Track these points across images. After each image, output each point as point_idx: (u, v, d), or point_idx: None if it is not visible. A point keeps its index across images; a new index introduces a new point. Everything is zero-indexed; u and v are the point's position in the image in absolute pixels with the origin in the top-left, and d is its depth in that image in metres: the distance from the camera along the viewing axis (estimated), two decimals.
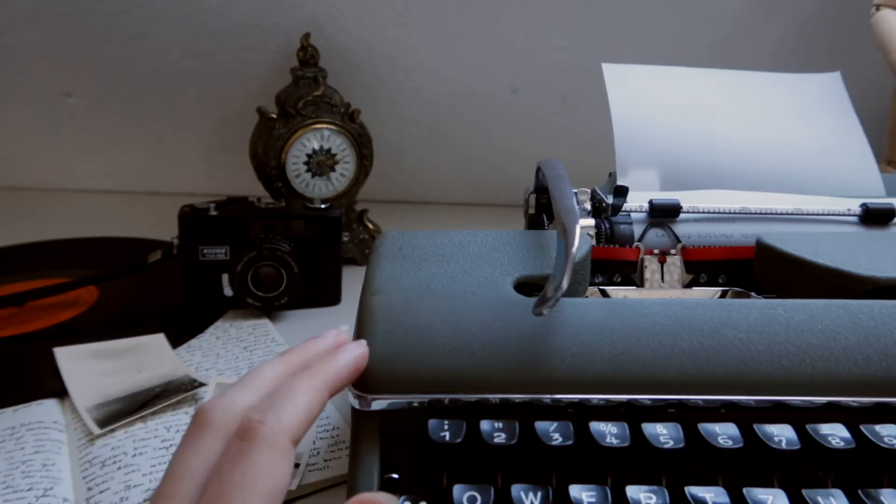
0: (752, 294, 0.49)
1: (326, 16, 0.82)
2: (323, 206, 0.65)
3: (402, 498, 0.33)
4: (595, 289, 0.50)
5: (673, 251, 0.51)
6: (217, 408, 0.34)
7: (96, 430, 0.48)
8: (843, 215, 0.52)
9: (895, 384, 0.37)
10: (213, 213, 0.63)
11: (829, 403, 0.37)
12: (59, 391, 0.53)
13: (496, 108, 0.88)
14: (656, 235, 0.52)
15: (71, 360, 0.56)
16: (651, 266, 0.50)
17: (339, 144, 0.74)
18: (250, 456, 0.32)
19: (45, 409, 0.51)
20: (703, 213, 0.52)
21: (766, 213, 0.52)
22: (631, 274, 0.50)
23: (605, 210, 0.52)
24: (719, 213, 0.52)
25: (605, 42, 0.84)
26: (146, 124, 0.91)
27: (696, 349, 0.37)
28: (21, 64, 0.87)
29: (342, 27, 0.83)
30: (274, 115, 0.74)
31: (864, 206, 0.52)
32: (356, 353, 0.37)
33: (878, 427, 0.36)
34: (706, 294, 0.50)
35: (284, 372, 0.37)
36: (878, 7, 0.71)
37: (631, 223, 0.52)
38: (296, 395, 0.35)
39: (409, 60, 0.86)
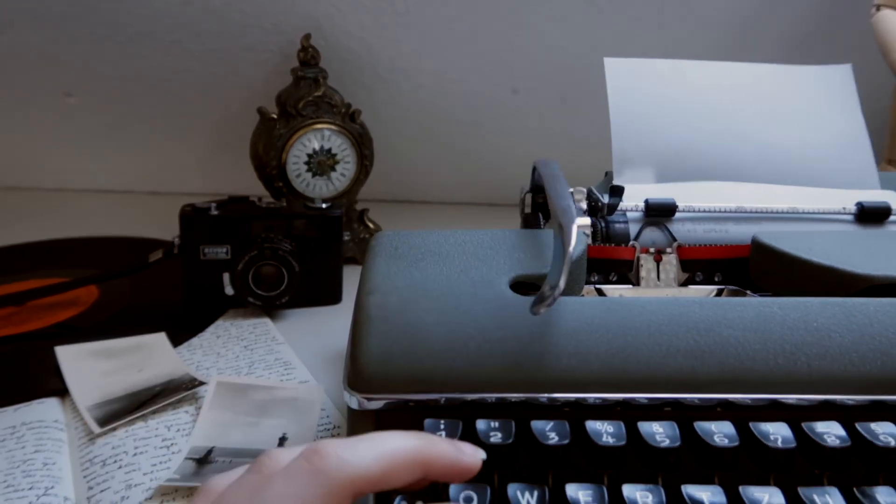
0: (748, 292, 0.49)
1: (326, 16, 0.82)
2: (324, 205, 0.65)
3: (399, 498, 0.33)
4: (591, 287, 0.50)
5: (669, 250, 0.51)
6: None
7: (97, 429, 0.48)
8: (839, 213, 0.52)
9: (890, 382, 0.37)
10: (215, 212, 0.63)
11: (825, 401, 0.37)
12: (59, 390, 0.53)
13: (496, 108, 0.88)
14: (652, 234, 0.52)
15: (72, 358, 0.56)
16: (647, 265, 0.51)
17: (339, 144, 0.74)
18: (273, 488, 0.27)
19: (46, 408, 0.51)
20: (699, 212, 0.52)
21: (761, 213, 0.52)
22: (627, 273, 0.51)
23: (601, 209, 0.52)
24: (714, 212, 0.52)
25: (605, 42, 0.84)
26: (146, 124, 0.91)
27: (692, 348, 0.38)
28: (21, 64, 0.87)
29: (342, 27, 0.83)
30: (274, 116, 0.74)
31: (859, 204, 0.52)
32: (468, 457, 0.32)
33: (873, 425, 0.36)
34: (702, 292, 0.51)
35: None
36: (878, 7, 0.71)
37: (626, 222, 0.52)
38: (383, 442, 0.30)
39: (409, 60, 0.86)
